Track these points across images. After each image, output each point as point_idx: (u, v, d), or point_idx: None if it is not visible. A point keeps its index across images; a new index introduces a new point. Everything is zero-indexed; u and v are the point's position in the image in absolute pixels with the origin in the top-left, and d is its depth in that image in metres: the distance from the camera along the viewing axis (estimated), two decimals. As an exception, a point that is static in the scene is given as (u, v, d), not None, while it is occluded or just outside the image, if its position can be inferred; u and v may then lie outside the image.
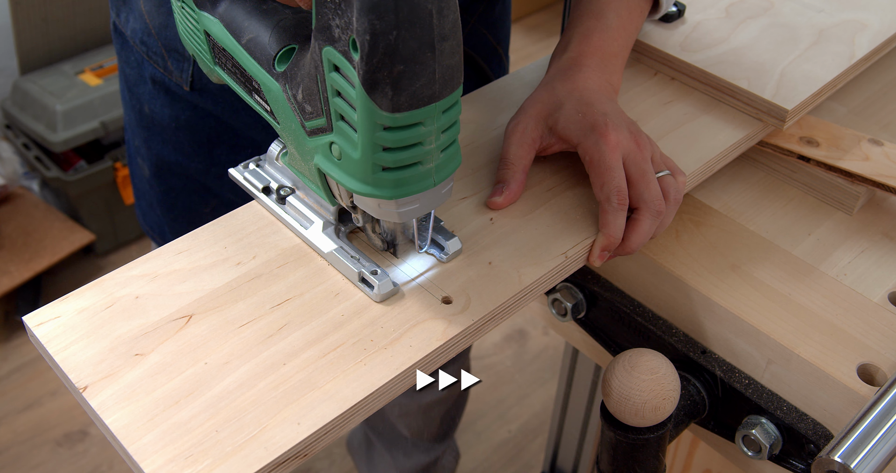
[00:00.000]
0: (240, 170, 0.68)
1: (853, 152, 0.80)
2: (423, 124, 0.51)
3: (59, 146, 2.04)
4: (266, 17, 0.59)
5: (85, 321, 0.58)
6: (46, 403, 1.90)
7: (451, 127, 0.53)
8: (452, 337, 0.58)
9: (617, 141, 0.66)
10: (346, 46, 0.48)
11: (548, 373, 2.00)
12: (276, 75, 0.58)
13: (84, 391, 0.53)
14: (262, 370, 0.55)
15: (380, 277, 0.60)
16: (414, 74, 0.48)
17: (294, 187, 0.66)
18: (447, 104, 0.51)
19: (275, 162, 0.66)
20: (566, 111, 0.68)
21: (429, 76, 0.48)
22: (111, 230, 2.22)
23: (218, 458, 0.50)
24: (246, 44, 0.59)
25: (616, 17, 0.76)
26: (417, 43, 0.47)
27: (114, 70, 2.13)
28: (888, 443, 0.59)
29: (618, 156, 0.66)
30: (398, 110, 0.49)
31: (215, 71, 0.65)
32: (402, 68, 0.47)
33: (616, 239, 0.66)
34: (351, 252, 0.62)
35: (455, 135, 0.54)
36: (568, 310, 0.81)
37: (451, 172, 0.56)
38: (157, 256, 0.62)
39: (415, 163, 0.53)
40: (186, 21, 0.65)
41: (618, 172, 0.66)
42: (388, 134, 0.50)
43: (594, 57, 0.74)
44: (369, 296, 0.60)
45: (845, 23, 0.88)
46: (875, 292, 0.72)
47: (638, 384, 0.63)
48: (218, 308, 0.59)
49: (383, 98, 0.48)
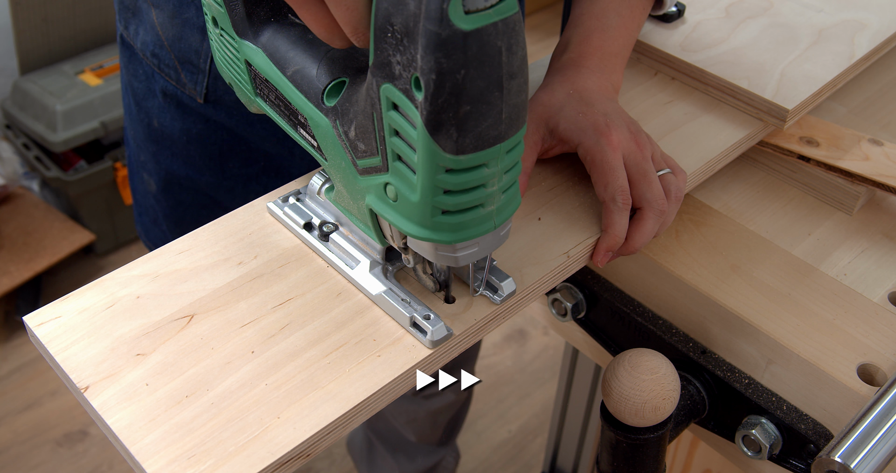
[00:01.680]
0: (279, 203, 0.65)
1: (853, 152, 0.80)
2: (486, 166, 0.48)
3: (59, 146, 2.04)
4: (313, 47, 0.56)
5: (86, 321, 0.58)
6: (46, 403, 1.90)
7: (514, 167, 0.50)
8: (455, 337, 0.58)
9: (618, 141, 0.66)
10: (407, 85, 0.45)
11: (548, 373, 2.00)
12: (326, 110, 0.55)
13: (85, 392, 0.54)
14: (265, 370, 0.55)
15: (433, 322, 0.57)
16: (481, 114, 0.45)
17: (337, 222, 0.63)
18: (512, 144, 0.48)
19: (317, 197, 0.64)
20: (566, 113, 0.68)
21: (496, 116, 0.46)
22: (111, 230, 2.22)
23: (220, 458, 0.50)
24: (292, 75, 0.56)
25: (616, 17, 0.75)
26: (486, 82, 0.44)
27: (114, 70, 2.13)
28: (888, 443, 0.59)
29: (619, 156, 0.66)
30: (463, 152, 0.46)
31: (256, 102, 0.62)
32: (469, 109, 0.44)
33: (620, 239, 0.66)
34: (401, 295, 0.59)
35: (517, 175, 0.51)
36: (568, 310, 0.81)
37: (511, 213, 0.53)
38: (158, 255, 0.62)
39: (476, 206, 0.50)
40: (225, 50, 0.62)
41: (620, 172, 0.66)
42: (451, 177, 0.47)
43: (594, 57, 0.73)
44: (421, 342, 0.58)
45: (845, 23, 0.88)
46: (875, 293, 0.72)
47: (638, 384, 0.63)
48: (219, 308, 0.59)
49: (447, 140, 0.45)
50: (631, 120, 0.69)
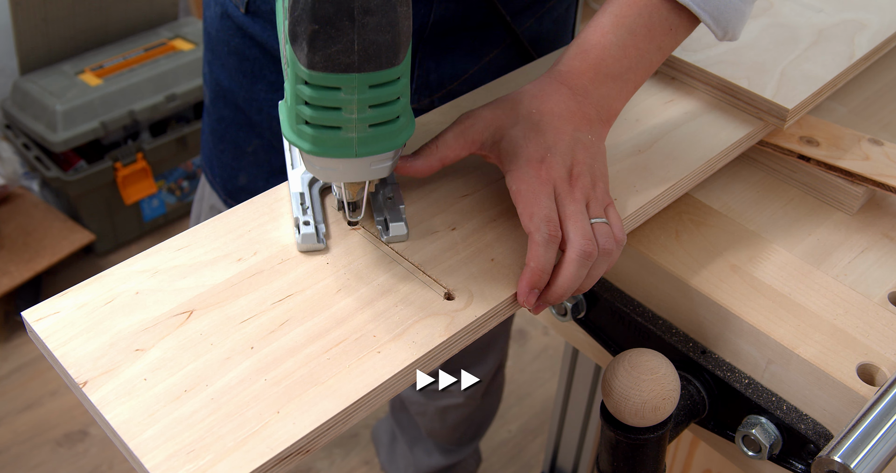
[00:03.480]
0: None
1: (853, 152, 0.80)
2: (341, 91, 0.53)
3: (59, 146, 2.03)
4: None
5: (85, 317, 0.58)
6: (46, 403, 1.89)
7: (382, 105, 0.55)
8: (455, 334, 0.58)
9: (548, 176, 0.62)
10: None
11: (548, 373, 2.00)
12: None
13: (84, 387, 0.53)
14: (264, 365, 0.55)
15: (307, 229, 0.62)
16: (329, 37, 0.50)
17: None
18: (373, 80, 0.53)
19: None
20: (513, 133, 0.64)
21: (346, 45, 0.50)
22: (111, 230, 2.22)
23: (219, 453, 0.50)
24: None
25: (628, 34, 0.66)
26: (334, 8, 0.49)
27: (113, 70, 2.13)
28: (888, 443, 0.59)
29: (548, 189, 0.61)
30: (313, 68, 0.52)
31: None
32: (317, 28, 0.50)
33: (544, 273, 0.60)
34: (307, 202, 0.65)
35: (390, 115, 0.55)
36: (568, 310, 0.81)
37: (381, 150, 0.57)
38: (157, 251, 0.62)
39: (334, 127, 0.55)
40: None
41: (547, 202, 0.61)
42: (307, 89, 0.53)
43: (584, 76, 0.66)
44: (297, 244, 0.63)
45: (845, 23, 0.88)
46: (875, 292, 0.72)
47: (638, 384, 0.63)
48: (219, 304, 0.59)
49: (301, 52, 0.51)
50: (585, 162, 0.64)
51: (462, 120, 0.65)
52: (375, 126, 0.56)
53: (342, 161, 0.57)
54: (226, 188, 1.05)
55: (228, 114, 0.99)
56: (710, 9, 0.67)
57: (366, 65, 0.52)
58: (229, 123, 0.99)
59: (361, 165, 0.58)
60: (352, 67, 0.52)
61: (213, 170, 1.06)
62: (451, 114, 0.78)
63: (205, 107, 1.05)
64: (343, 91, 0.53)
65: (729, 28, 0.69)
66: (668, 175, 0.73)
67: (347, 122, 0.55)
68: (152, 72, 2.14)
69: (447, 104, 0.79)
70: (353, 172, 0.58)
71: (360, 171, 0.58)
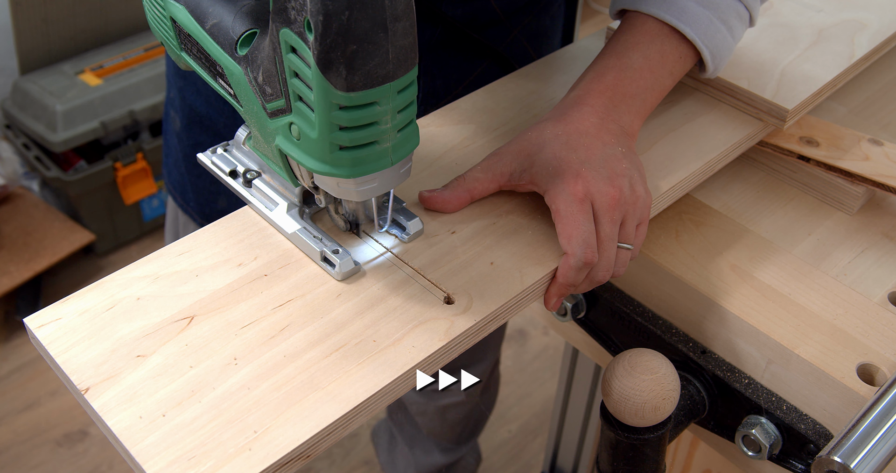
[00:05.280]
0: (208, 155, 0.69)
1: (853, 152, 0.80)
2: (378, 104, 0.52)
3: (59, 146, 2.04)
4: (229, 2, 0.60)
5: (86, 323, 0.58)
6: (46, 403, 1.90)
7: (407, 107, 0.54)
8: (454, 338, 0.58)
9: (585, 192, 0.62)
10: (301, 28, 0.50)
11: (548, 373, 2.00)
12: (238, 59, 0.59)
13: (86, 393, 0.54)
14: (265, 371, 0.55)
15: (341, 256, 0.61)
16: (367, 53, 0.49)
17: (260, 170, 0.67)
18: (402, 84, 0.52)
19: (241, 146, 0.68)
20: (544, 155, 0.65)
21: (382, 56, 0.49)
22: (111, 230, 2.22)
23: (221, 459, 0.50)
24: (210, 29, 0.60)
25: (642, 58, 0.70)
26: (370, 23, 0.48)
27: (113, 70, 2.13)
28: (888, 443, 0.59)
29: (586, 207, 0.62)
30: (353, 89, 0.50)
31: (182, 57, 0.66)
32: (356, 48, 0.48)
33: (571, 288, 0.64)
34: (314, 233, 0.63)
35: (411, 115, 0.55)
36: (568, 310, 0.81)
37: (408, 152, 0.57)
38: (158, 257, 0.63)
39: (371, 142, 0.54)
40: (154, 9, 0.66)
41: (586, 226, 0.62)
42: (344, 113, 0.51)
43: (602, 96, 0.69)
44: (331, 275, 0.61)
45: (845, 22, 0.88)
46: (875, 293, 0.72)
47: (638, 384, 0.63)
48: (220, 309, 0.59)
49: (338, 78, 0.50)
50: (626, 173, 0.65)
51: (489, 156, 0.68)
52: (402, 129, 0.55)
53: (379, 174, 0.56)
54: (203, 213, 1.03)
55: (206, 139, 0.97)
56: (711, 46, 0.72)
57: (398, 71, 0.51)
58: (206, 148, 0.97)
59: (394, 172, 0.57)
60: (388, 77, 0.51)
61: (186, 195, 1.04)
62: (448, 115, 0.78)
63: (173, 133, 1.02)
64: (379, 103, 0.52)
65: (719, 66, 0.75)
66: (667, 177, 0.73)
67: (383, 133, 0.54)
68: (152, 72, 2.14)
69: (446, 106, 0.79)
70: (388, 182, 0.57)
71: (393, 178, 0.58)
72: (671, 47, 0.71)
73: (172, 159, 1.05)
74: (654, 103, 0.71)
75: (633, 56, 0.70)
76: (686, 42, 0.72)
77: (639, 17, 0.72)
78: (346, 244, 0.64)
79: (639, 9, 0.72)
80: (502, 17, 0.87)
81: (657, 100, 0.71)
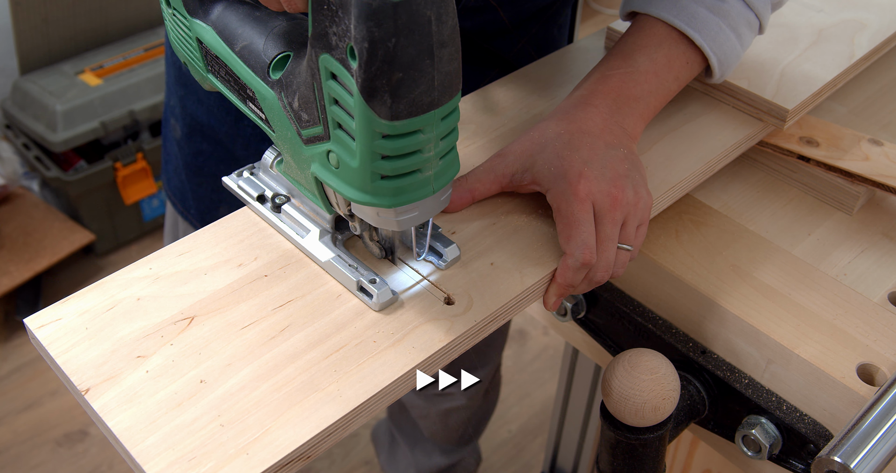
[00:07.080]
0: (233, 178, 0.67)
1: (853, 152, 0.80)
2: (422, 132, 0.50)
3: (59, 146, 2.04)
4: (260, 24, 0.58)
5: (86, 324, 0.58)
6: (46, 403, 1.90)
7: (449, 134, 0.53)
8: (455, 338, 0.58)
9: (587, 192, 0.62)
10: (343, 54, 0.48)
11: (548, 373, 2.00)
12: (272, 83, 0.57)
13: (86, 394, 0.54)
14: (265, 371, 0.55)
15: (378, 285, 0.59)
16: (413, 81, 0.47)
17: (289, 195, 0.65)
18: (446, 111, 0.50)
19: (269, 170, 0.66)
20: (546, 154, 0.65)
21: (428, 83, 0.48)
22: (111, 230, 2.22)
23: (221, 460, 0.50)
24: (240, 51, 0.58)
25: (648, 62, 0.70)
26: (416, 50, 0.46)
27: (113, 70, 2.13)
28: (888, 443, 0.59)
29: (587, 207, 0.62)
30: (397, 118, 0.48)
31: (208, 79, 0.64)
32: (402, 76, 0.46)
33: (570, 288, 0.64)
34: (349, 261, 0.61)
35: (454, 142, 0.53)
36: (568, 310, 0.81)
37: (449, 180, 0.55)
38: (158, 257, 0.63)
39: (414, 171, 0.52)
40: (178, 28, 0.64)
41: (585, 226, 0.62)
42: (387, 142, 0.50)
43: (607, 97, 0.68)
44: (368, 305, 0.60)
45: (845, 22, 0.88)
46: (875, 293, 0.72)
47: (638, 384, 0.63)
48: (220, 310, 0.59)
49: (382, 106, 0.48)
50: (628, 174, 0.64)
51: (493, 157, 0.68)
52: (444, 156, 0.53)
53: (420, 203, 0.54)
54: (204, 220, 1.02)
55: (208, 148, 0.97)
56: (720, 53, 0.72)
57: (443, 98, 0.49)
58: (208, 157, 0.97)
59: (434, 200, 0.55)
60: (433, 105, 0.49)
61: (187, 202, 1.04)
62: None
63: (173, 140, 1.02)
64: (423, 131, 0.50)
65: (726, 73, 0.74)
66: (667, 177, 0.73)
67: (426, 161, 0.52)
68: (152, 72, 2.14)
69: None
70: (428, 210, 0.56)
71: (434, 206, 0.56)
72: (679, 52, 0.71)
73: (173, 167, 1.04)
74: (658, 107, 0.71)
75: (640, 59, 0.70)
76: (694, 48, 0.72)
77: (648, 20, 0.72)
78: (381, 272, 0.63)
79: (649, 12, 0.72)
80: (510, 28, 0.87)
81: (661, 104, 0.71)
